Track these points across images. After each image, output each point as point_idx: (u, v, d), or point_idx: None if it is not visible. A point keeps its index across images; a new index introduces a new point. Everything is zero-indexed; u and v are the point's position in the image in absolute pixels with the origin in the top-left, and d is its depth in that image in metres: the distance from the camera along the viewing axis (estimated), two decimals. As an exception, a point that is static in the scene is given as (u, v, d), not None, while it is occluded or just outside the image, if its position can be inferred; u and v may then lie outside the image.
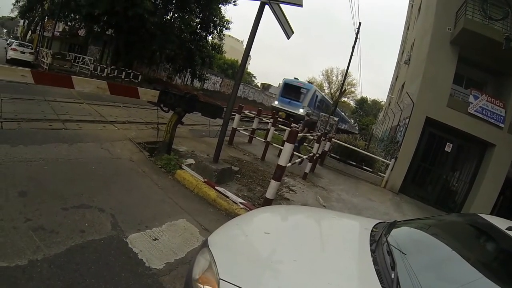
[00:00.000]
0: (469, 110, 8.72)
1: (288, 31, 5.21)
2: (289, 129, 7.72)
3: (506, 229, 1.85)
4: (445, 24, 9.14)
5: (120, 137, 5.02)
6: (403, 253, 1.74)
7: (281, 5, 4.61)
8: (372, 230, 2.13)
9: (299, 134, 7.81)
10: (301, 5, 4.56)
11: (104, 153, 4.27)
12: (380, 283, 1.47)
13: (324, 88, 51.44)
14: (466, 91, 9.64)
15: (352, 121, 50.34)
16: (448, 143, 9.22)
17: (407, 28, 22.08)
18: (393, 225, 2.23)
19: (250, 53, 4.99)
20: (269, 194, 4.10)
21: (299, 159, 6.89)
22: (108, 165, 3.96)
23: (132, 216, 3.00)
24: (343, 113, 34.84)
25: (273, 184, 4.07)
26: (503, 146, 8.63)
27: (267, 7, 4.55)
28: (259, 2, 4.50)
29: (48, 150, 3.68)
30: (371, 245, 1.87)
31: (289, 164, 4.86)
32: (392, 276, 1.48)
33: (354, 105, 58.31)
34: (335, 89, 51.54)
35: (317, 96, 21.22)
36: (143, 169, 4.26)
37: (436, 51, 9.16)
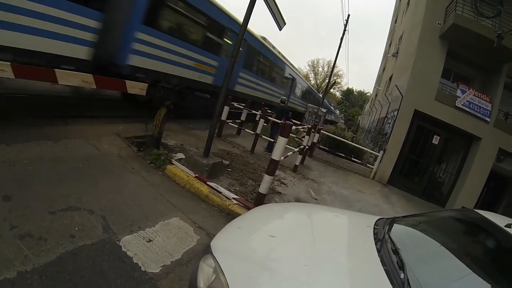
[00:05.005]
0: (456, 104, 8.89)
1: (280, 22, 5.10)
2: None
3: (505, 226, 1.88)
4: (434, 18, 9.19)
5: (107, 131, 4.83)
6: (407, 251, 1.74)
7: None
8: (374, 228, 2.12)
9: (270, 119, 7.84)
10: None
11: (91, 150, 4.09)
12: (391, 284, 1.45)
13: (310, 79, 51.43)
14: (454, 85, 9.81)
15: (338, 111, 50.80)
16: (435, 136, 9.41)
17: (395, 20, 22.17)
18: (393, 221, 2.24)
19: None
20: (263, 189, 4.07)
21: (291, 152, 6.86)
22: (95, 162, 3.80)
23: (123, 216, 2.90)
24: (331, 106, 35.20)
25: (267, 178, 4.04)
26: (489, 140, 8.90)
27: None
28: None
29: (32, 148, 3.47)
30: (375, 244, 1.85)
31: (282, 157, 4.82)
32: (402, 277, 1.47)
33: (340, 96, 58.70)
34: (321, 80, 51.65)
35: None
36: (132, 166, 4.12)
37: (426, 45, 9.24)
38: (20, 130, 3.78)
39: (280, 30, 5.19)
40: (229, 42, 8.62)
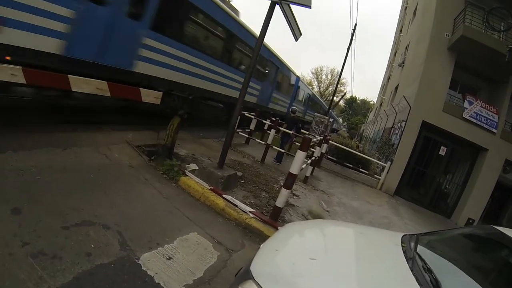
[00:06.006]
0: (463, 115, 8.82)
1: (296, 33, 5.01)
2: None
3: None
4: (443, 29, 9.20)
5: (117, 139, 4.65)
6: (437, 269, 1.72)
7: (290, 5, 4.42)
8: (401, 246, 2.08)
9: (281, 129, 7.68)
10: (309, 6, 4.39)
11: (101, 158, 3.90)
12: None
13: (314, 86, 51.64)
14: (461, 95, 9.76)
15: (341, 120, 50.90)
16: (442, 147, 9.30)
17: (400, 29, 22.32)
18: (418, 239, 2.23)
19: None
20: (280, 202, 3.94)
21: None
22: (107, 172, 3.61)
23: (140, 232, 2.72)
24: (333, 113, 35.82)
25: (284, 192, 3.91)
26: (495, 151, 8.83)
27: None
28: (269, 2, 4.30)
29: (40, 156, 3.28)
30: (407, 262, 1.81)
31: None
32: None
33: (343, 104, 58.77)
34: (324, 88, 51.87)
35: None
36: (144, 176, 3.94)
37: (434, 56, 9.22)
38: (27, 136, 3.60)
39: (296, 41, 5.11)
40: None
